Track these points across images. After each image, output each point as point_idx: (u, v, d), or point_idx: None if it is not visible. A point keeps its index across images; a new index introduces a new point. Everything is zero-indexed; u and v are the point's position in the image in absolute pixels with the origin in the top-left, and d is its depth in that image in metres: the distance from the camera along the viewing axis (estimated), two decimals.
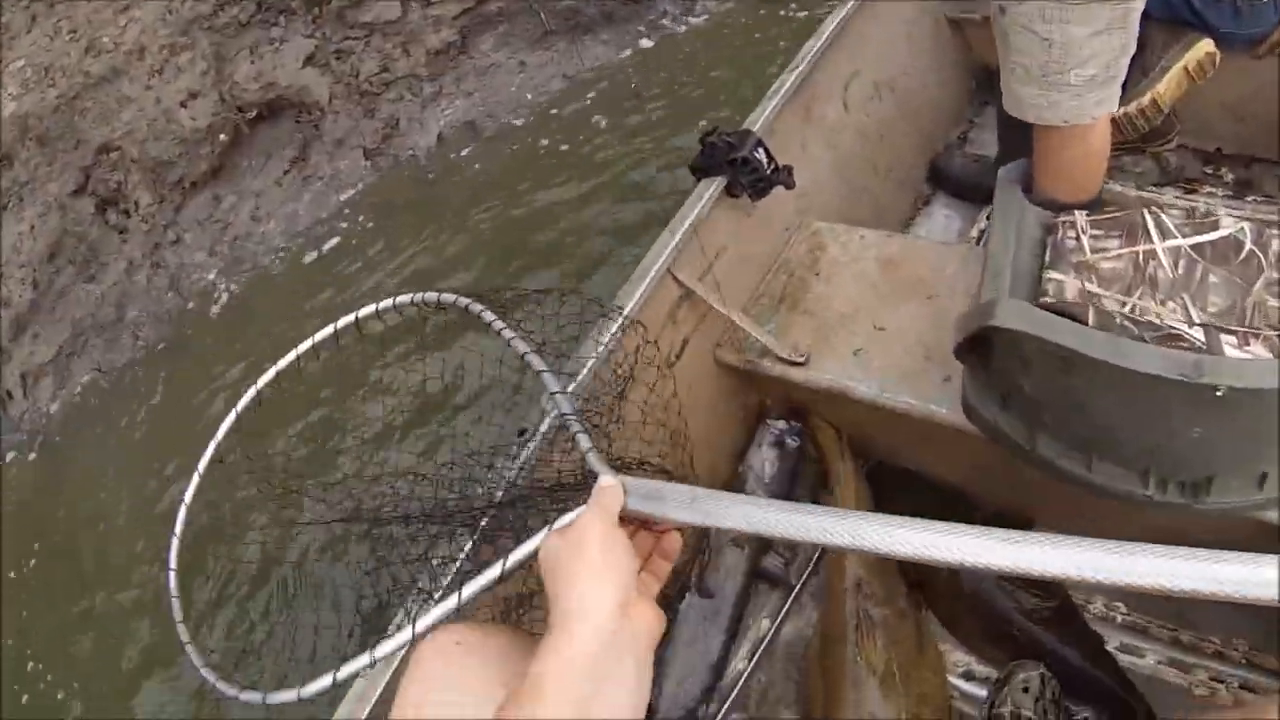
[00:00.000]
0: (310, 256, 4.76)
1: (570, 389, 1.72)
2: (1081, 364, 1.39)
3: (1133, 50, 1.88)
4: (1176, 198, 2.68)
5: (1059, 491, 1.63)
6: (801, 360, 2.08)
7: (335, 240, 4.83)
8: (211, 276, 4.79)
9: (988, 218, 2.92)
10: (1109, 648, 1.98)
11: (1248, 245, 1.67)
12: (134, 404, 4.35)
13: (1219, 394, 1.28)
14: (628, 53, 5.45)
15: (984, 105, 3.33)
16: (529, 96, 5.31)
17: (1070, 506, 1.84)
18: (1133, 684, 1.88)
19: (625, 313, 1.91)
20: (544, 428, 1.72)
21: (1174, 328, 1.51)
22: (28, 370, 4.50)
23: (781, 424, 2.23)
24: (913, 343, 2.06)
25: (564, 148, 4.90)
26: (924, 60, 3.14)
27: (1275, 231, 1.70)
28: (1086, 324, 1.52)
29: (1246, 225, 1.71)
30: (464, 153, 5.13)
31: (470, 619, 1.23)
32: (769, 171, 2.18)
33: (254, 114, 5.07)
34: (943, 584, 2.08)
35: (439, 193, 4.90)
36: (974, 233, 2.91)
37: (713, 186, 2.18)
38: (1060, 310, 1.56)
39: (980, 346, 1.61)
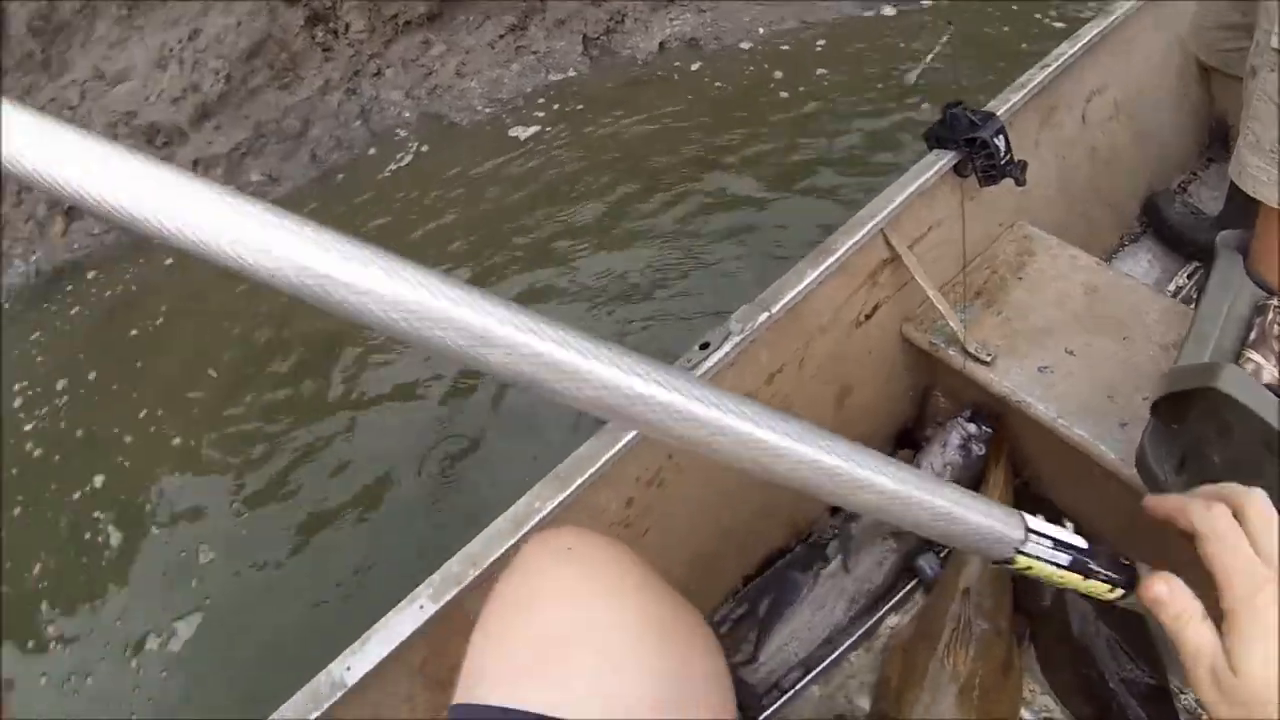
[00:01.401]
0: (507, 132, 4.71)
1: (764, 316, 1.77)
2: None
3: None
4: None
5: (1192, 573, 1.59)
6: (988, 360, 2.03)
7: (534, 125, 4.75)
8: (405, 116, 4.79)
9: (1189, 276, 2.84)
10: None
11: None
12: None
13: None
14: (870, 14, 5.28)
15: (1210, 162, 3.21)
16: (760, 30, 5.16)
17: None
18: None
19: (836, 257, 1.90)
20: (727, 347, 1.73)
21: None
22: (201, 157, 4.56)
23: (973, 427, 2.16)
24: (1099, 377, 2.00)
25: (783, 92, 4.77)
26: (1167, 96, 3.03)
27: None
28: None
29: None
30: (684, 64, 5.03)
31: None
32: (1004, 161, 2.11)
33: None
34: (1053, 622, 2.03)
35: (648, 98, 4.80)
36: (1171, 286, 2.82)
37: (945, 159, 2.12)
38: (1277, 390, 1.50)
39: (1180, 404, 1.55)
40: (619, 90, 4.89)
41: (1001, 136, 2.10)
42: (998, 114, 2.17)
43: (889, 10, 5.28)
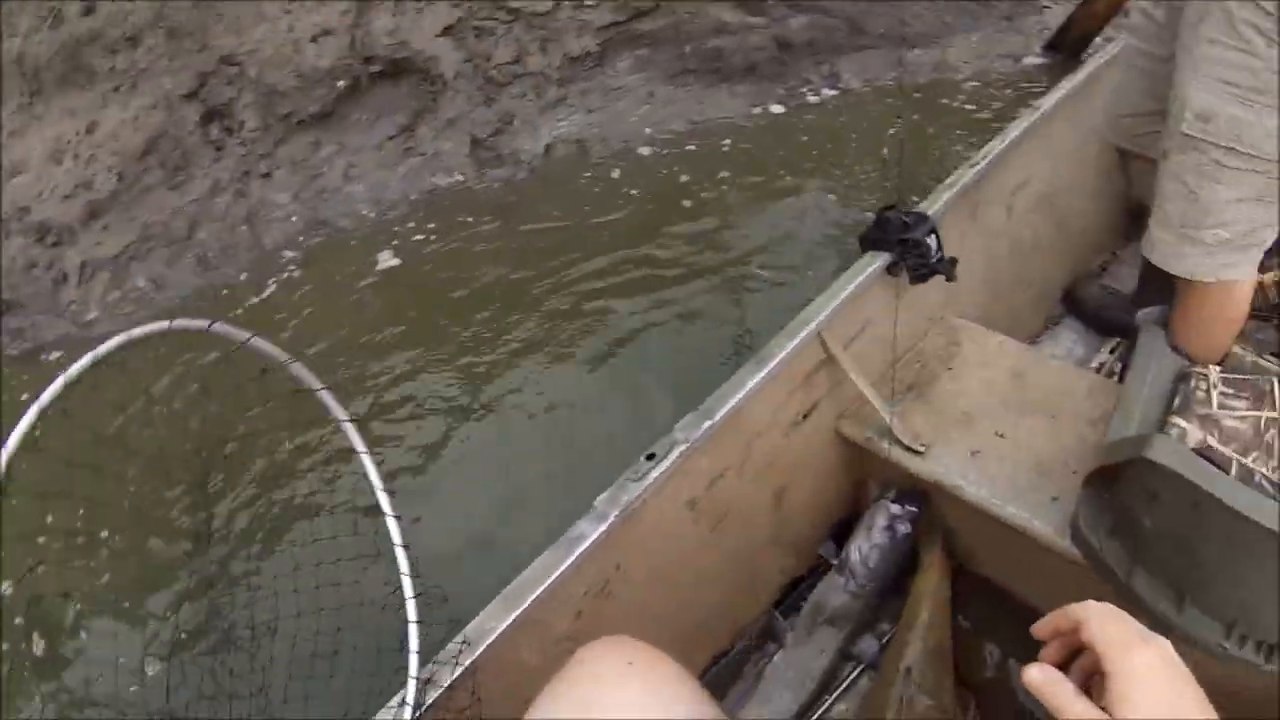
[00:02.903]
0: (382, 251, 4.78)
1: (706, 425, 1.97)
2: (1211, 509, 1.57)
3: (1276, 229, 2.12)
4: None
5: None
6: (920, 450, 2.26)
7: (410, 231, 4.87)
8: (291, 221, 4.91)
9: (1111, 351, 3.12)
10: None
11: None
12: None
13: None
14: (757, 111, 5.57)
15: (1129, 242, 3.53)
16: (647, 130, 5.42)
17: None
18: None
19: (775, 362, 2.12)
20: (673, 455, 1.93)
21: None
22: (89, 259, 4.67)
23: (896, 508, 2.34)
24: (1028, 456, 2.23)
25: (685, 201, 4.93)
26: (1087, 183, 3.35)
27: None
28: (1229, 474, 1.71)
29: None
30: (571, 167, 5.21)
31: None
32: (935, 259, 2.37)
33: (378, 69, 5.24)
34: (997, 692, 2.24)
35: (530, 207, 4.94)
36: (1095, 363, 3.09)
37: (878, 261, 2.37)
38: (1207, 457, 1.74)
39: (1110, 475, 1.80)
40: (503, 194, 5.08)
41: (933, 235, 2.37)
42: (929, 214, 2.44)
43: (777, 109, 5.61)
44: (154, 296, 4.63)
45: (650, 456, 1.93)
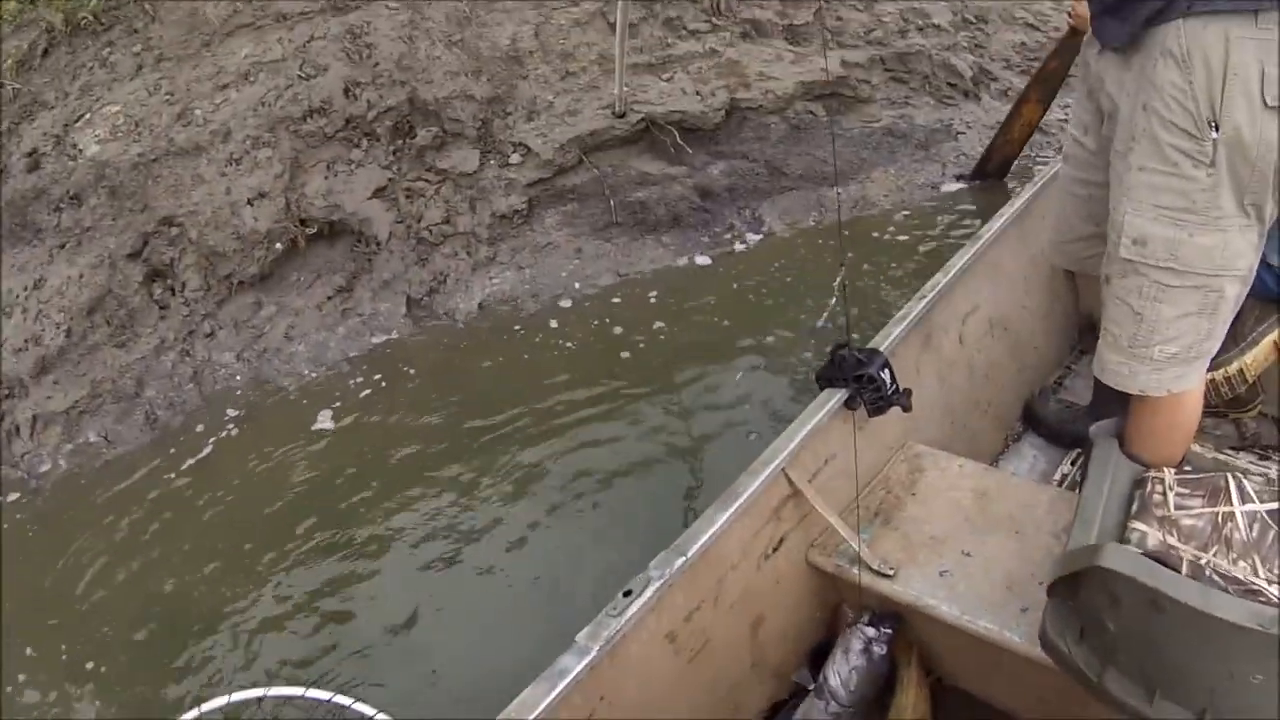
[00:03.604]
0: (322, 411, 4.82)
1: (680, 561, 2.12)
2: (1170, 607, 1.68)
3: (1220, 337, 2.30)
4: (1251, 463, 2.97)
5: None
6: (890, 573, 2.40)
7: (353, 390, 4.93)
8: (236, 379, 5.00)
9: (1072, 462, 3.26)
10: None
11: None
12: (107, 487, 4.49)
13: None
14: (683, 262, 5.72)
15: (1082, 354, 3.72)
16: (576, 285, 5.53)
17: None
18: None
19: (742, 500, 2.28)
20: (650, 591, 2.07)
21: (1254, 583, 1.85)
22: (40, 413, 4.74)
23: (872, 630, 2.43)
24: (996, 572, 2.37)
25: (624, 351, 5.01)
26: (1037, 304, 3.55)
27: None
28: (1180, 572, 1.85)
29: None
30: (503, 324, 5.31)
31: None
32: (890, 392, 2.55)
33: (314, 230, 5.40)
34: None
35: (468, 363, 5.05)
36: (1057, 475, 3.23)
37: (835, 397, 2.55)
38: (1157, 558, 1.87)
39: (1073, 583, 1.92)
40: (442, 352, 5.17)
41: (886, 370, 2.55)
42: (881, 349, 2.62)
43: (703, 259, 5.76)
44: (104, 452, 4.69)
45: (628, 593, 2.05)
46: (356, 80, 5.75)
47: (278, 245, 5.32)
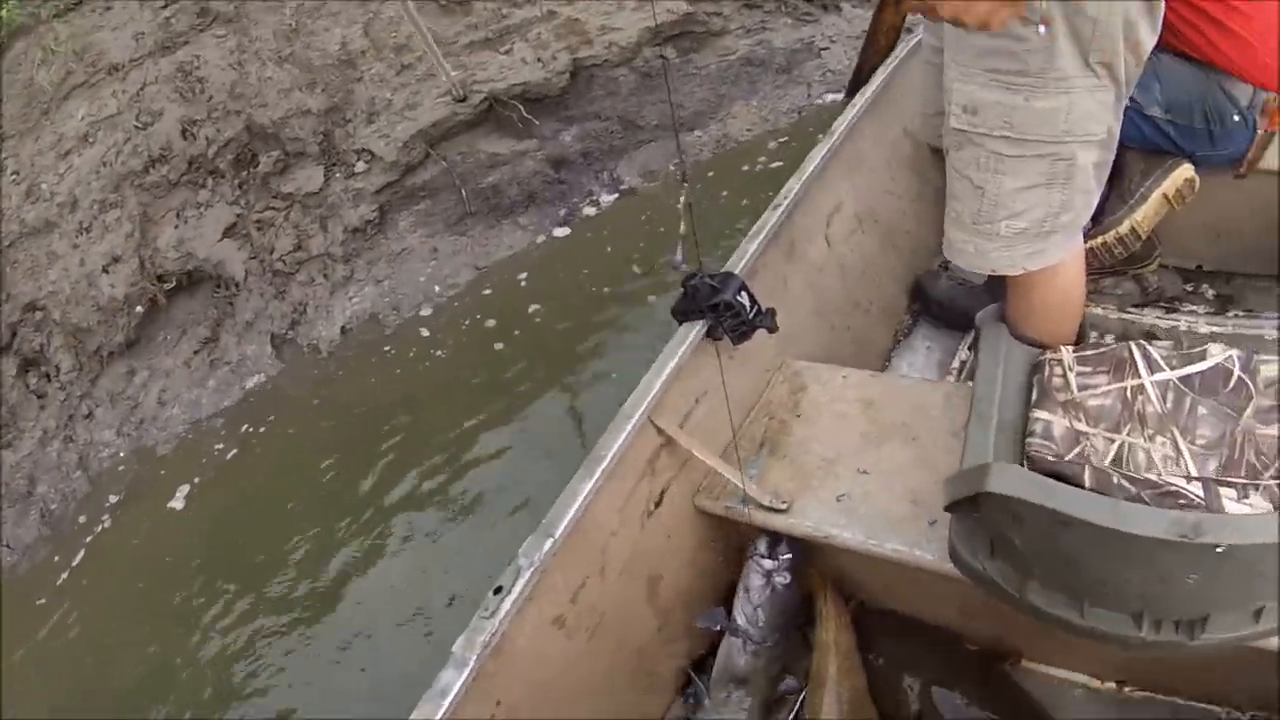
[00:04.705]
0: (179, 492, 4.69)
1: (549, 543, 1.94)
2: (1079, 524, 1.50)
3: (1084, 206, 2.04)
4: (1158, 318, 2.79)
5: (1050, 628, 1.76)
6: (783, 507, 2.22)
7: (229, 444, 4.84)
8: (120, 455, 4.89)
9: (969, 348, 3.10)
10: None
11: (1236, 373, 1.83)
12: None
13: (1219, 550, 1.40)
14: (542, 239, 5.61)
15: None
16: (436, 289, 5.41)
17: (1060, 642, 1.97)
18: None
19: (607, 461, 2.09)
20: (522, 581, 1.91)
21: (1171, 484, 1.65)
22: None
23: (769, 561, 2.29)
24: (897, 487, 2.20)
25: (475, 344, 4.97)
26: (907, 188, 3.36)
27: (1264, 357, 1.85)
28: (1083, 485, 1.66)
29: (1235, 354, 1.87)
30: (369, 345, 5.20)
31: None
32: (752, 315, 2.34)
33: (172, 284, 5.26)
34: None
35: (342, 390, 4.94)
36: (955, 364, 3.08)
37: (694, 331, 2.35)
38: (1054, 471, 1.70)
39: (972, 500, 1.72)
40: (313, 386, 5.06)
41: (744, 293, 2.34)
42: (736, 271, 2.42)
43: (560, 231, 5.64)
44: (7, 559, 4.61)
45: (498, 590, 1.91)
46: (192, 119, 5.59)
47: (138, 308, 5.19)
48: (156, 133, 5.52)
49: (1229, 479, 1.68)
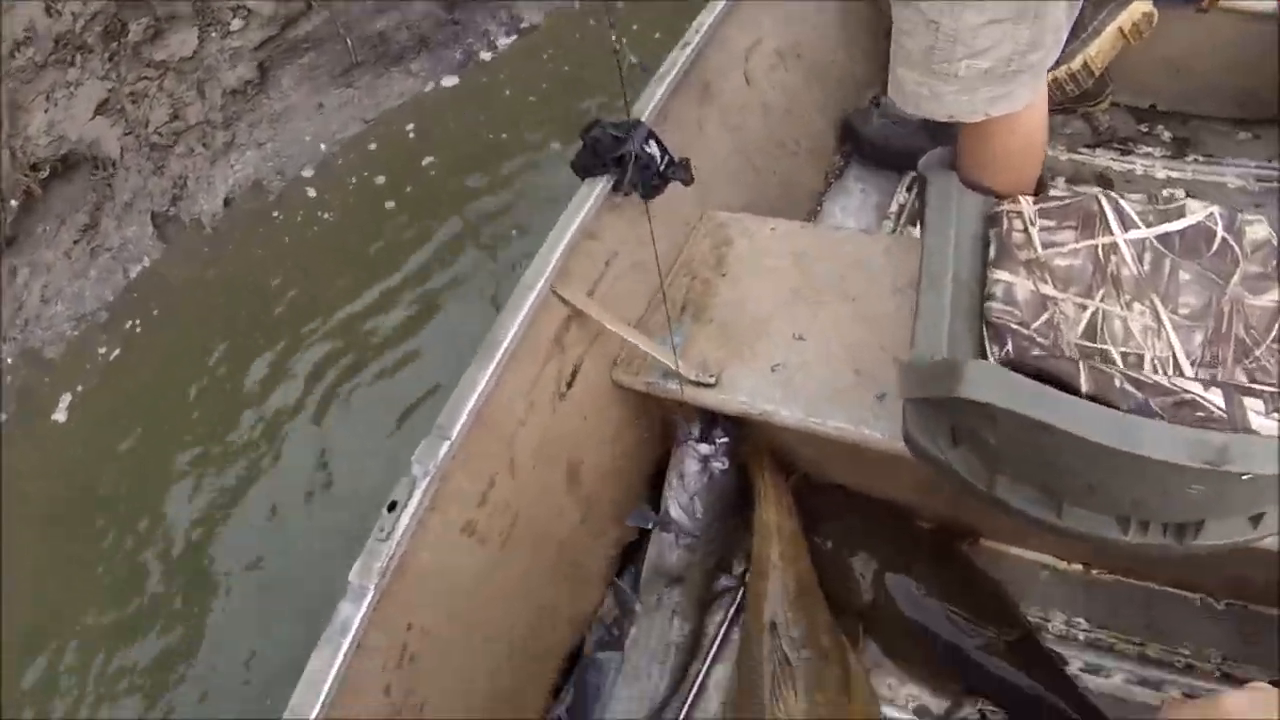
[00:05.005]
0: (61, 402, 4.42)
1: (446, 446, 1.75)
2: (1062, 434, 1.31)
3: (1049, 45, 1.76)
4: (1112, 159, 2.77)
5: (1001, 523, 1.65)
6: (711, 381, 2.02)
7: (113, 341, 4.59)
8: (8, 363, 4.60)
9: (908, 189, 2.93)
10: (1072, 669, 2.01)
11: (1219, 233, 1.64)
12: None
13: (1245, 477, 1.24)
14: (430, 88, 5.31)
15: None
16: (322, 147, 5.11)
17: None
18: (1096, 708, 1.89)
19: (506, 343, 1.88)
20: (419, 493, 1.74)
21: (1188, 390, 1.41)
22: None
23: (705, 446, 2.15)
24: (838, 354, 2.01)
25: (366, 204, 4.72)
26: (831, 18, 3.09)
27: (1248, 217, 1.66)
28: (1079, 388, 1.41)
29: (1217, 211, 1.67)
30: (249, 223, 4.92)
31: None
32: (663, 166, 2.11)
33: (46, 172, 4.92)
34: (884, 613, 2.08)
35: (229, 267, 4.69)
36: (893, 207, 2.91)
37: (597, 188, 2.12)
38: (1041, 368, 1.46)
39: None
40: (200, 266, 4.77)
41: (652, 141, 2.10)
42: (643, 119, 2.18)
43: (449, 80, 5.30)
44: None
45: (392, 506, 1.74)
46: None
47: (12, 202, 4.85)
48: (19, 14, 5.08)
49: (1254, 386, 1.47)
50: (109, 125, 5.04)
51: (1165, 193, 2.65)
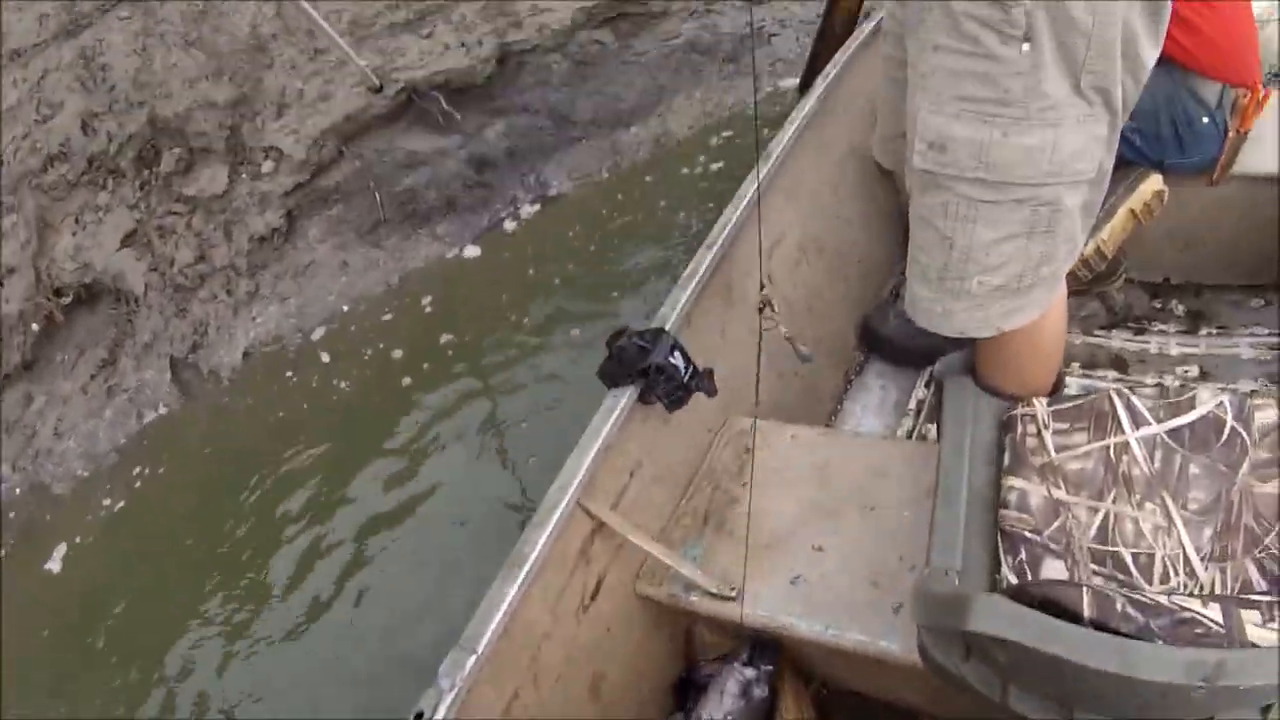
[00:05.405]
0: (55, 553, 4.34)
1: (472, 660, 1.76)
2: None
3: (1069, 255, 1.83)
4: (1127, 340, 2.78)
5: None
6: (732, 594, 2.03)
7: (118, 492, 4.52)
8: (16, 494, 4.60)
9: (926, 385, 2.94)
10: None
11: (1229, 423, 1.69)
12: None
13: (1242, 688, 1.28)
14: (453, 255, 5.29)
15: None
16: (344, 307, 5.10)
17: None
18: None
19: (534, 558, 1.90)
20: (445, 705, 1.72)
21: (1186, 609, 1.45)
22: None
23: (750, 671, 2.13)
24: (857, 566, 2.03)
25: (381, 379, 4.63)
26: (853, 212, 3.14)
27: (1258, 401, 1.71)
28: (1081, 614, 1.47)
29: (1226, 399, 1.73)
30: (271, 374, 4.89)
31: None
32: (686, 378, 2.15)
33: (69, 299, 4.97)
34: None
35: (237, 437, 4.61)
36: (912, 404, 2.92)
37: (622, 400, 2.14)
38: (1045, 599, 1.51)
39: None
40: (211, 419, 4.73)
41: (677, 353, 2.14)
42: (667, 326, 2.22)
43: (473, 251, 5.28)
44: None
45: (419, 716, 1.71)
46: (93, 111, 5.26)
47: (34, 326, 4.89)
48: (56, 128, 5.20)
49: (1252, 597, 1.51)
50: (135, 258, 5.08)
51: (1178, 375, 2.67)
